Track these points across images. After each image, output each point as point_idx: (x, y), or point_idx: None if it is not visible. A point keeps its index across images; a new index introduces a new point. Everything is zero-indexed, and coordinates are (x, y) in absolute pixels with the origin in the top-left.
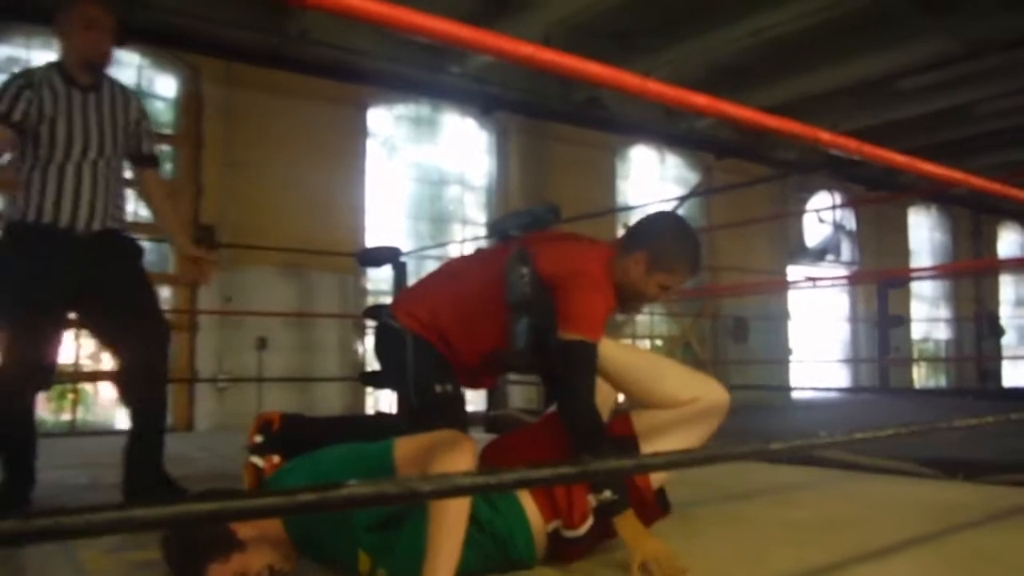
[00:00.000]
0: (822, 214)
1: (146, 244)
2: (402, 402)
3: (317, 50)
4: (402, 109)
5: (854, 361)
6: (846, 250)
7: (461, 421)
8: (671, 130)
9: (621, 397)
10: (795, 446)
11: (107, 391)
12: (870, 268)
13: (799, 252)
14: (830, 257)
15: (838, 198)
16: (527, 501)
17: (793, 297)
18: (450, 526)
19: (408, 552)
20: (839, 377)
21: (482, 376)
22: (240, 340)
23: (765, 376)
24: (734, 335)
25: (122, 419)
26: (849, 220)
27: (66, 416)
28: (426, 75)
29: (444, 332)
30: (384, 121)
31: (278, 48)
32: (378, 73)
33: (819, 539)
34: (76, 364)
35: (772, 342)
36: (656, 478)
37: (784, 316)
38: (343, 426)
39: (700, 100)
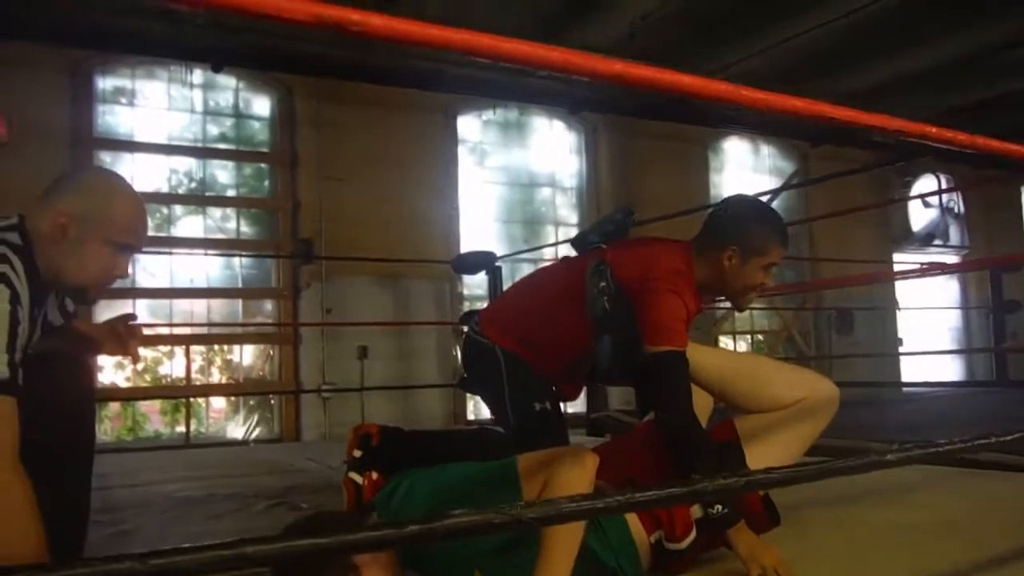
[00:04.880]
0: (928, 198)
1: (247, 260)
2: (500, 417)
3: (404, 61)
4: (490, 114)
5: (967, 352)
6: (954, 234)
7: (564, 436)
8: (764, 120)
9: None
10: (912, 455)
11: (218, 403)
12: (981, 252)
13: (904, 238)
14: (938, 242)
15: (944, 181)
16: (630, 514)
17: (900, 285)
18: (559, 550)
19: (520, 573)
20: (951, 368)
21: (569, 387)
22: (342, 350)
23: (872, 369)
24: (838, 327)
25: (234, 430)
26: (957, 203)
27: (180, 428)
28: (512, 79)
29: (531, 346)
30: (473, 127)
31: (365, 62)
32: (465, 80)
33: (935, 544)
34: (188, 378)
35: (878, 333)
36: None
37: (890, 305)
38: (442, 441)
39: (798, 103)
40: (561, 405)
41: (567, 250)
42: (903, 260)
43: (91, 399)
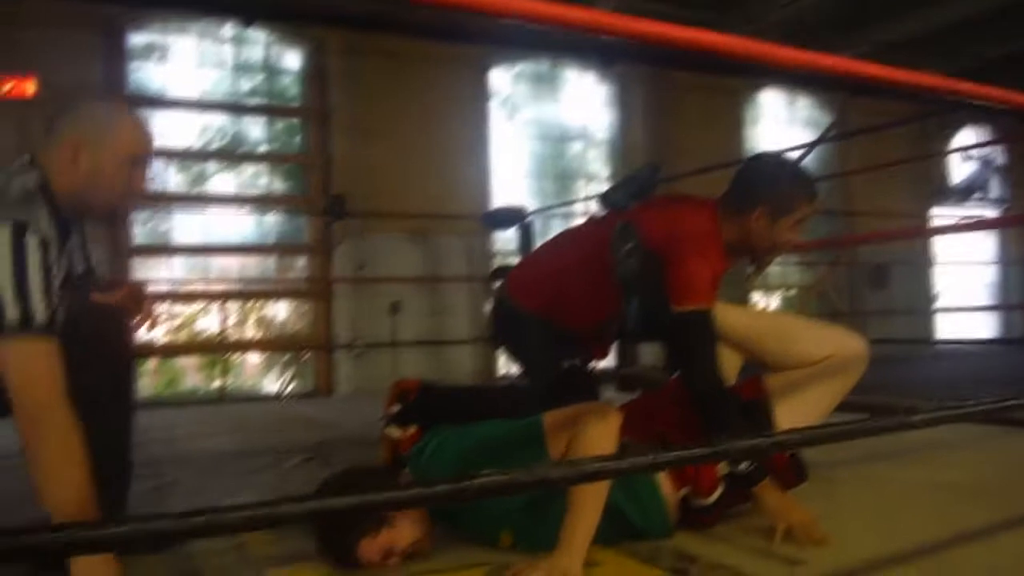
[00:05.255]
0: (968, 152)
1: (280, 217)
2: (531, 377)
3: (435, 14)
4: (522, 67)
5: (1003, 308)
6: (995, 188)
7: (595, 393)
8: (802, 70)
9: None
10: (939, 416)
11: (252, 359)
12: (1022, 207)
13: (943, 192)
14: (977, 196)
15: (986, 133)
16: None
17: (937, 240)
18: (585, 508)
19: (550, 533)
20: (988, 325)
21: (597, 346)
22: (374, 306)
23: (906, 325)
24: (873, 282)
25: (268, 385)
26: (998, 156)
27: (216, 383)
28: (544, 31)
29: (559, 307)
30: (504, 81)
31: (396, 14)
32: (496, 32)
33: (965, 503)
34: (223, 334)
35: (914, 289)
36: None
37: (927, 261)
38: (479, 397)
39: (832, 61)
40: (590, 363)
41: (583, 220)
42: (941, 214)
43: (130, 352)
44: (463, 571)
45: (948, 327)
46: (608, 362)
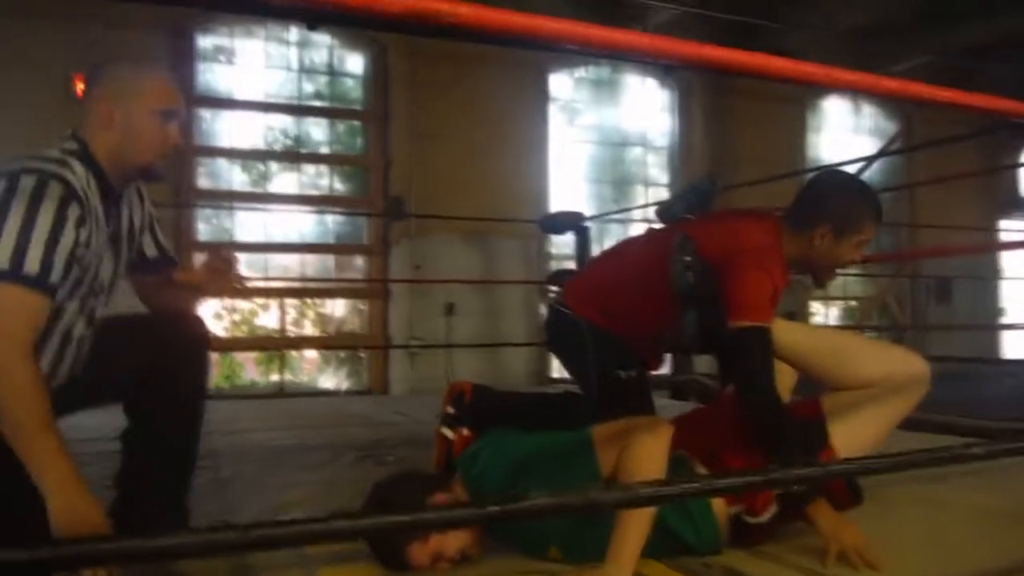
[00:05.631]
0: None
1: (339, 216)
2: (585, 386)
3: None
4: (582, 72)
5: None
6: None
7: (650, 404)
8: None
9: None
10: (994, 450)
11: (310, 355)
12: None
13: (1012, 204)
14: None
15: None
16: None
17: (1005, 254)
18: (635, 524)
19: (599, 548)
20: None
21: (651, 356)
22: (430, 307)
23: (970, 341)
24: (936, 295)
25: (325, 381)
26: None
27: (274, 378)
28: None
29: (614, 316)
30: (565, 85)
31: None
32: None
33: (1018, 530)
34: (282, 330)
35: (979, 303)
36: None
37: (994, 274)
38: (532, 403)
39: (891, 84)
40: (645, 373)
41: (643, 230)
42: (1009, 228)
43: (202, 346)
44: None
45: (1015, 344)
46: (661, 369)
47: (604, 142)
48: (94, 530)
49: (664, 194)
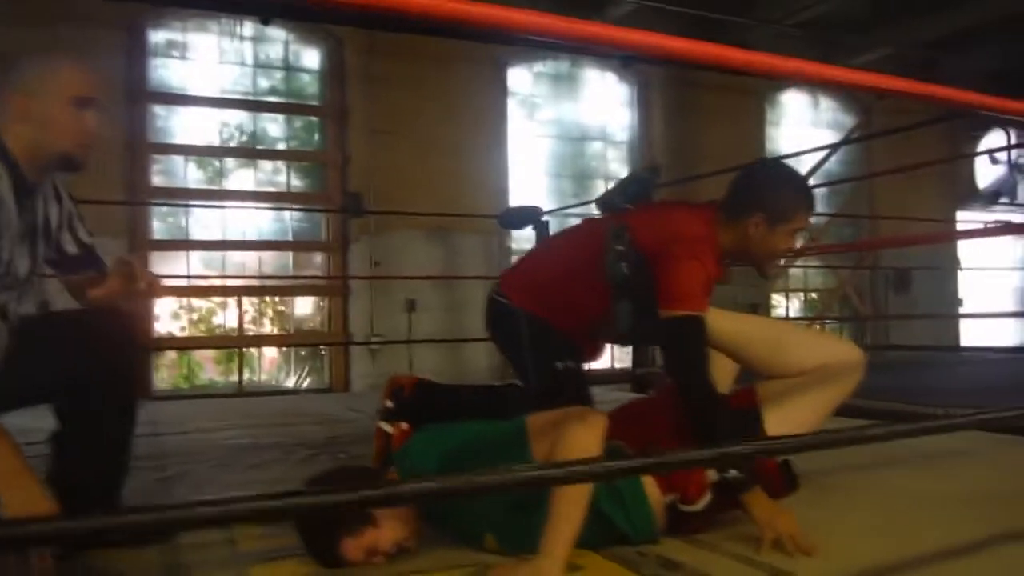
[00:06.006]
0: (996, 154)
1: (297, 214)
2: (523, 376)
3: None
4: (541, 67)
5: None
6: (1023, 191)
7: (587, 395)
8: (823, 82)
9: None
10: (929, 427)
11: (270, 354)
12: None
13: (969, 196)
14: (1004, 200)
15: (1015, 136)
16: (645, 477)
17: (962, 244)
18: (567, 511)
19: (534, 536)
20: (1015, 333)
21: (590, 346)
22: (390, 303)
23: (930, 330)
24: (896, 286)
25: (285, 380)
26: None
27: (233, 377)
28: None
29: (552, 307)
30: (523, 80)
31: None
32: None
33: (967, 515)
34: (240, 329)
35: (938, 293)
36: None
37: (951, 265)
38: (473, 396)
39: (851, 75)
40: (584, 367)
41: (581, 220)
42: (967, 219)
43: (131, 346)
44: (446, 572)
45: (973, 333)
46: (624, 362)
47: (564, 136)
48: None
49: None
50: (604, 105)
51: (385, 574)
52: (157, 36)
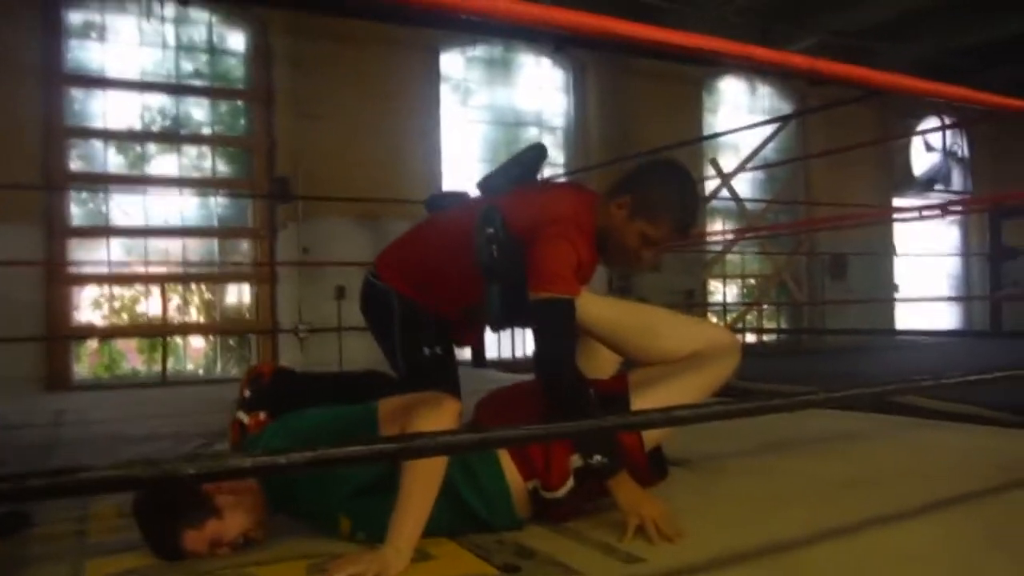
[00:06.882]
0: (929, 140)
1: (222, 200)
2: (391, 360)
3: None
4: (474, 51)
5: (961, 299)
6: (957, 179)
7: (452, 382)
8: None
9: None
10: (795, 401)
11: (196, 343)
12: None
13: (904, 183)
14: (939, 187)
15: (948, 121)
16: (506, 461)
17: (898, 231)
18: (413, 497)
19: (386, 520)
20: (950, 317)
21: (466, 332)
22: (320, 291)
23: (866, 316)
24: (832, 272)
25: (213, 369)
26: (961, 146)
27: (157, 367)
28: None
29: (425, 290)
30: (456, 64)
31: None
32: (445, 13)
33: (844, 496)
34: (164, 317)
35: (874, 280)
36: (651, 438)
37: (887, 251)
38: (334, 383)
39: (788, 58)
40: (455, 354)
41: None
42: (903, 206)
43: None
44: (287, 563)
45: (909, 318)
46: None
47: (498, 122)
48: None
49: (560, 174)
50: (539, 91)
51: (226, 565)
52: (74, 17)
